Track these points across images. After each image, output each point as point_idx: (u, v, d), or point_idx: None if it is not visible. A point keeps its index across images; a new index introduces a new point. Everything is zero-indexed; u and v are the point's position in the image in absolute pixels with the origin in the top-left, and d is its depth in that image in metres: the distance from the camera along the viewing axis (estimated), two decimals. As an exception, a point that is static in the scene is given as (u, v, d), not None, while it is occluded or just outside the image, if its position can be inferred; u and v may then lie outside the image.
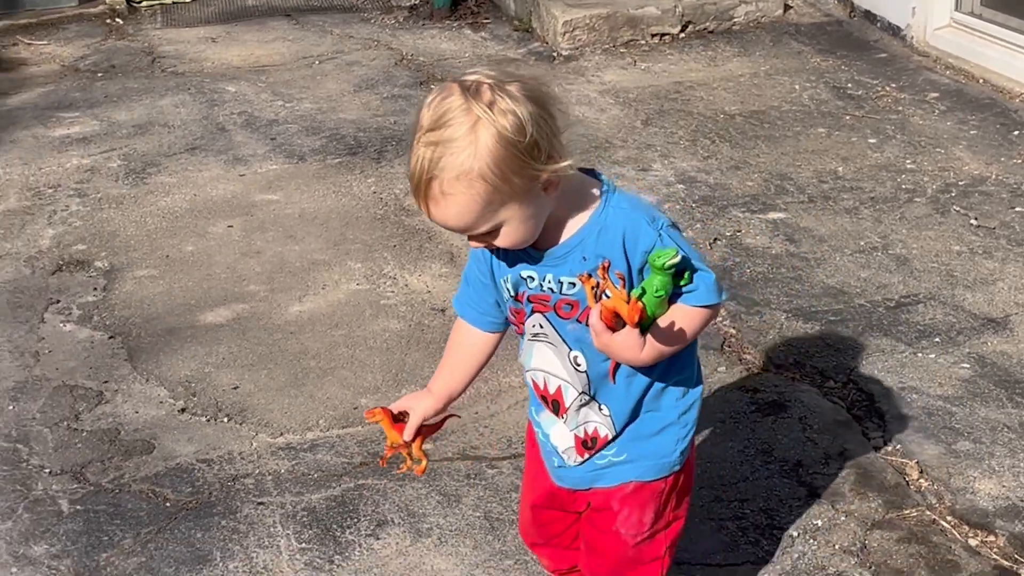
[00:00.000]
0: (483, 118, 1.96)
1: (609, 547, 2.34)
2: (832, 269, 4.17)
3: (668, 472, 2.30)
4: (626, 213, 2.11)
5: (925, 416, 3.34)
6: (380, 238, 4.58)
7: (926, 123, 5.41)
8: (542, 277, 2.15)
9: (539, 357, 2.26)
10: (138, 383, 3.70)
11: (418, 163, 1.98)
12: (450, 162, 1.96)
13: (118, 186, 5.12)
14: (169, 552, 2.98)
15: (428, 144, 1.97)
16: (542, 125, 2.01)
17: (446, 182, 1.97)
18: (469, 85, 1.99)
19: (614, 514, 2.31)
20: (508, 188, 1.99)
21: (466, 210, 2.00)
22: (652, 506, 2.31)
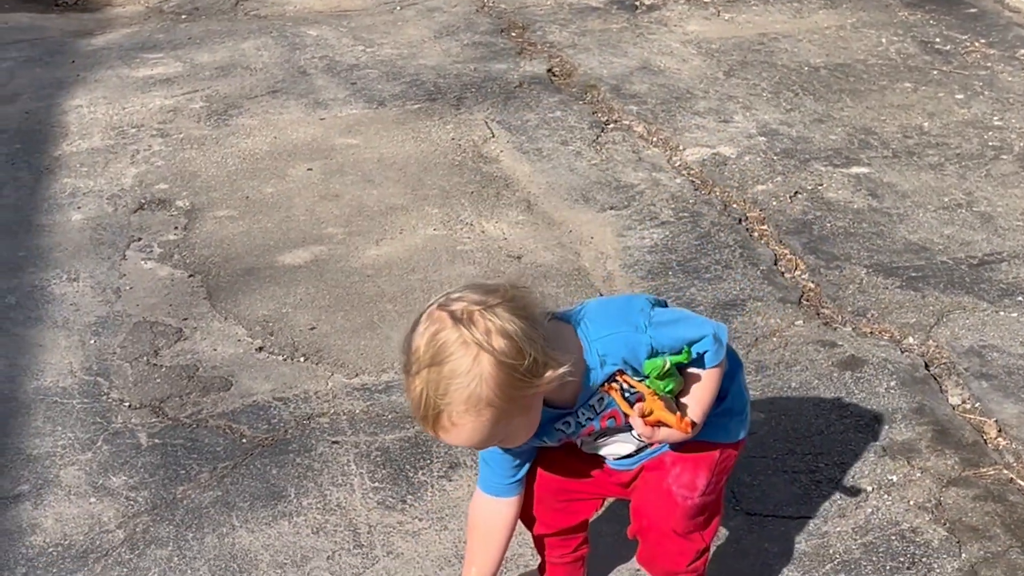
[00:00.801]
0: (483, 349, 2.01)
1: (660, 506, 2.35)
2: (914, 225, 4.11)
3: (723, 439, 2.34)
4: (613, 338, 2.17)
5: (1005, 375, 3.29)
6: (457, 184, 4.58)
7: (1015, 80, 5.29)
8: (575, 417, 2.24)
9: (606, 449, 2.39)
10: (217, 321, 3.74)
11: (423, 398, 2.05)
12: (457, 396, 2.02)
13: (200, 127, 5.17)
14: (244, 487, 3.02)
15: (431, 380, 2.03)
16: (535, 339, 2.06)
17: (455, 414, 2.04)
18: (459, 315, 2.04)
19: (667, 471, 2.34)
20: (514, 406, 2.07)
21: (476, 434, 2.08)
22: (704, 470, 2.33)
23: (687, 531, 2.34)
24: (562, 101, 5.29)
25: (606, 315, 2.21)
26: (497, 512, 2.41)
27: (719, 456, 2.34)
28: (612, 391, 2.19)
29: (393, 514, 2.91)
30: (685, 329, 2.21)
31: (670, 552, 2.37)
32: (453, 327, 2.03)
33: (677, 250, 4.02)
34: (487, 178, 4.62)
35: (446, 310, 2.06)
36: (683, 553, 2.37)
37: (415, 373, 2.05)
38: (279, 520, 2.90)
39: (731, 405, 2.33)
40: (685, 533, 2.35)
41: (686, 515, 2.33)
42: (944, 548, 2.72)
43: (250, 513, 2.93)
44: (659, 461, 2.35)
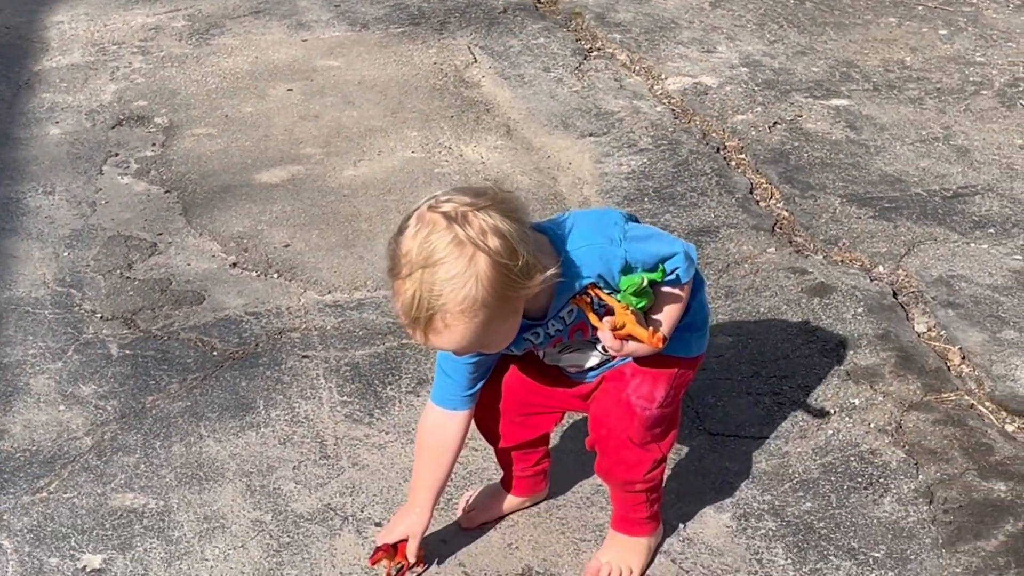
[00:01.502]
0: (479, 248, 2.00)
1: (618, 416, 2.37)
2: (891, 157, 4.12)
3: (681, 353, 2.36)
4: (588, 249, 2.17)
5: (972, 304, 3.32)
6: (438, 108, 4.57)
7: (1000, 16, 5.28)
8: (545, 328, 2.24)
9: (568, 361, 2.40)
10: (192, 237, 3.75)
11: (416, 300, 2.02)
12: (453, 298, 2.00)
13: (181, 45, 5.14)
14: (214, 398, 3.05)
15: (425, 282, 2.00)
16: (527, 241, 2.06)
17: (450, 316, 2.02)
18: (453, 215, 2.01)
19: (626, 382, 2.35)
20: (505, 308, 2.07)
21: (466, 338, 2.07)
22: (663, 381, 2.35)
23: (644, 441, 2.37)
24: (546, 28, 5.27)
25: (581, 227, 2.20)
26: (449, 427, 2.42)
27: (678, 370, 2.36)
28: (582, 304, 2.20)
29: (360, 427, 2.94)
30: (658, 245, 2.21)
31: (627, 461, 2.40)
32: (447, 228, 2.00)
33: (654, 177, 4.03)
34: (468, 102, 4.61)
35: (437, 211, 2.03)
36: (640, 463, 2.40)
37: (406, 275, 2.02)
38: (247, 431, 2.93)
39: (692, 320, 2.35)
40: (642, 443, 2.37)
41: (643, 425, 2.35)
42: (902, 470, 2.76)
43: (218, 423, 2.96)
44: (619, 372, 2.37)
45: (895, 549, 2.55)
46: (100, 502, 2.72)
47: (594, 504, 2.69)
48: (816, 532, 2.60)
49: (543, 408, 2.51)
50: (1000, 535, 2.59)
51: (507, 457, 2.61)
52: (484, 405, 2.52)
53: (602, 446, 2.42)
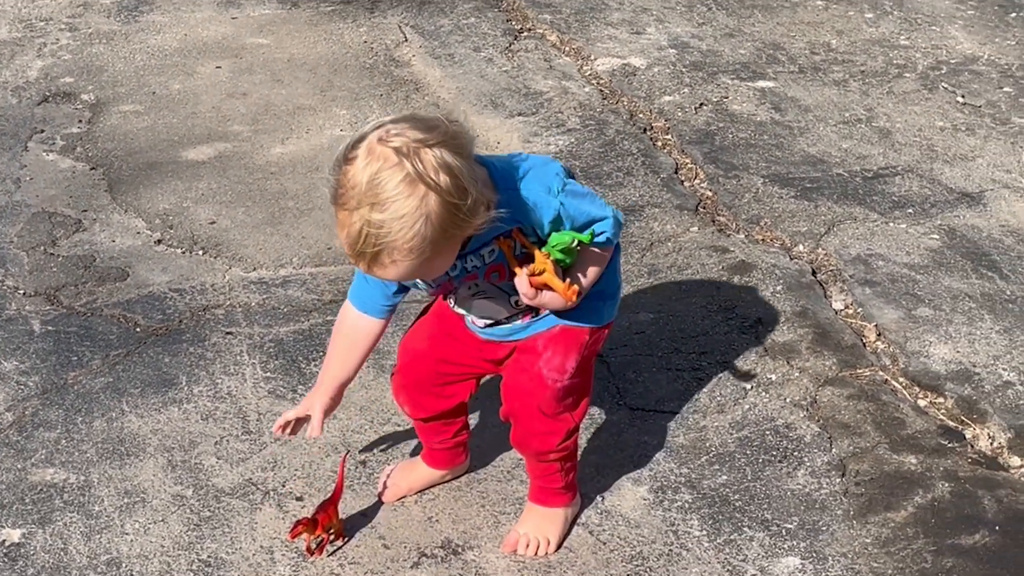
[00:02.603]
0: (431, 187, 1.96)
1: (530, 389, 2.39)
2: (814, 138, 4.18)
3: (593, 322, 2.38)
4: (524, 192, 2.15)
5: (889, 282, 3.38)
6: (367, 87, 4.57)
7: (924, 1, 5.36)
8: (463, 261, 2.21)
9: (479, 308, 2.37)
10: (116, 214, 3.73)
11: (363, 236, 1.97)
12: (402, 236, 1.97)
13: (109, 22, 5.10)
14: (136, 374, 3.04)
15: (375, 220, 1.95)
16: (475, 178, 2.04)
17: (397, 252, 2.00)
18: (404, 150, 1.95)
19: (538, 354, 2.38)
20: (448, 244, 2.06)
21: (410, 271, 2.06)
22: (574, 352, 2.37)
23: (556, 412, 2.40)
24: (477, 8, 5.28)
25: (521, 170, 2.18)
26: (365, 327, 2.39)
27: (588, 339, 2.39)
28: (505, 246, 2.18)
29: (283, 403, 2.94)
30: (591, 205, 2.20)
31: (540, 433, 2.43)
32: (398, 165, 1.95)
33: (581, 156, 4.06)
34: (397, 81, 4.62)
35: (388, 145, 1.96)
36: (553, 433, 2.43)
37: (354, 208, 1.97)
38: (169, 406, 2.93)
39: (604, 287, 2.37)
40: (555, 414, 2.40)
41: (555, 397, 2.38)
42: (815, 443, 2.82)
43: (140, 399, 2.95)
44: (531, 345, 2.39)
45: (807, 520, 2.61)
46: (20, 477, 2.71)
47: (514, 478, 2.72)
48: (731, 504, 2.65)
49: (456, 375, 2.53)
50: (910, 507, 2.65)
51: (426, 429, 2.63)
52: (400, 380, 2.55)
53: (515, 417, 2.45)
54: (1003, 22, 5.13)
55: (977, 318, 3.23)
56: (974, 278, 3.40)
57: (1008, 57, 4.80)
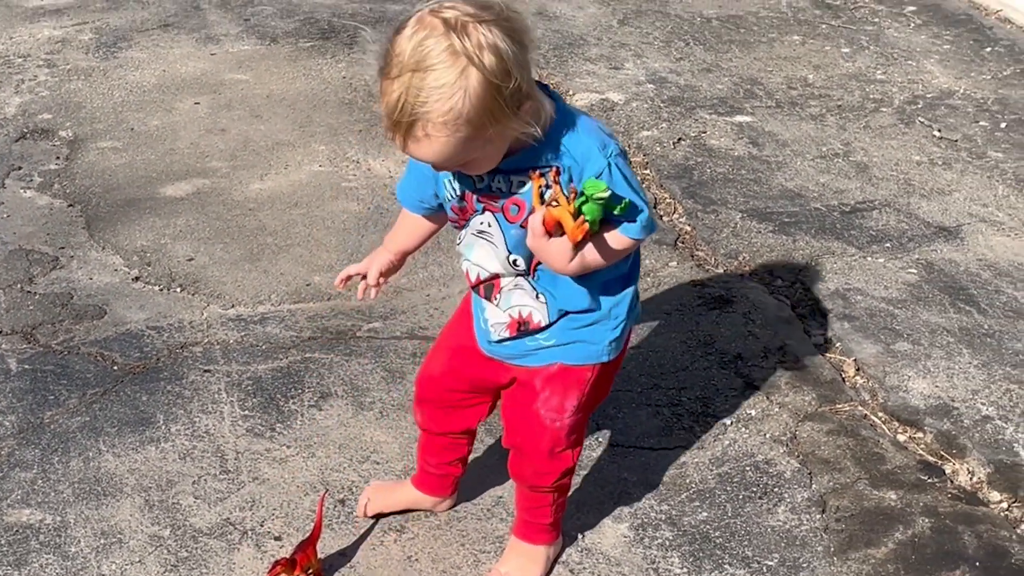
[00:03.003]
0: (473, 62, 1.93)
1: (528, 427, 2.39)
2: (792, 173, 4.20)
3: (595, 360, 2.34)
4: (579, 137, 2.12)
5: (867, 317, 3.39)
6: (347, 122, 4.58)
7: (900, 35, 5.40)
8: (492, 177, 2.16)
9: (479, 253, 2.29)
10: (94, 251, 3.72)
11: (400, 104, 1.95)
12: (438, 107, 1.94)
13: (88, 59, 5.10)
14: (113, 413, 3.02)
15: (413, 86, 1.93)
16: (524, 66, 2.00)
17: (431, 125, 1.96)
18: (452, 23, 1.94)
19: (536, 393, 2.36)
20: (489, 131, 2.00)
21: (445, 151, 2.00)
22: (575, 392, 2.35)
23: (556, 450, 2.40)
24: (456, 43, 5.29)
25: (583, 121, 2.14)
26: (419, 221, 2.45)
27: (590, 376, 2.35)
28: (536, 179, 2.11)
29: (261, 441, 2.93)
30: (634, 191, 2.14)
31: (540, 471, 2.43)
32: (444, 34, 1.93)
33: (560, 192, 4.06)
34: (376, 117, 4.61)
35: (438, 16, 1.95)
36: (550, 473, 2.43)
37: (395, 76, 1.95)
38: (146, 445, 2.91)
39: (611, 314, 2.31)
40: (554, 453, 2.40)
41: (554, 437, 2.37)
42: (796, 479, 2.81)
43: (117, 438, 2.93)
44: (529, 380, 2.36)
45: (788, 557, 2.60)
46: (-5, 519, 2.69)
47: (494, 516, 2.71)
48: (712, 541, 2.64)
49: (468, 393, 2.51)
50: (890, 543, 2.64)
51: (430, 445, 2.63)
52: (419, 392, 2.59)
53: (515, 450, 2.47)
54: (978, 56, 5.17)
55: (955, 352, 3.24)
56: (952, 312, 3.41)
57: (984, 91, 4.83)
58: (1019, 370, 3.16)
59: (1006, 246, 3.74)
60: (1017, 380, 3.12)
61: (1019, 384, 3.11)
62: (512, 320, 2.34)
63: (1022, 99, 4.76)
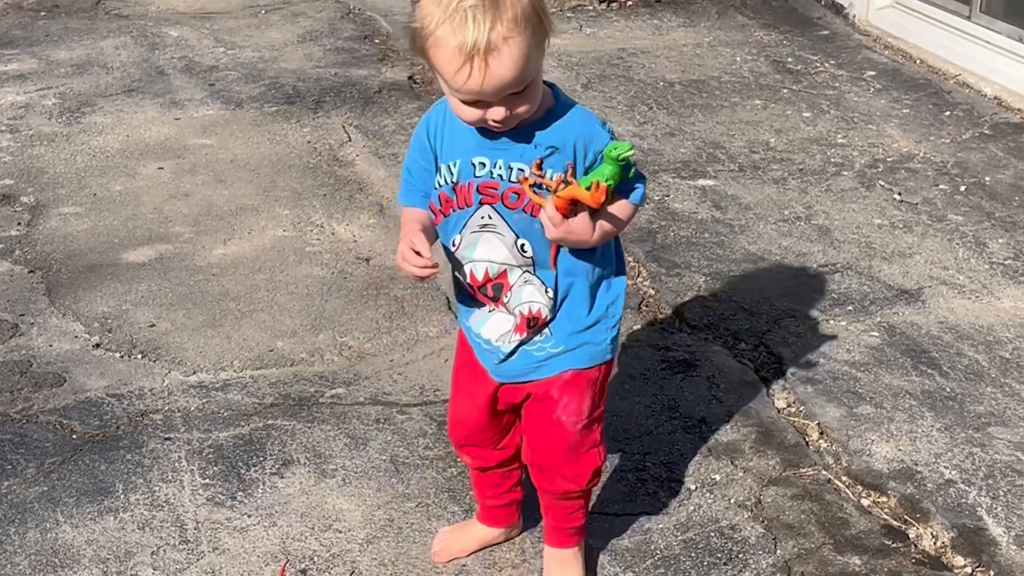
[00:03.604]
0: None
1: (553, 436, 2.48)
2: (755, 236, 4.22)
3: (601, 360, 2.46)
4: (581, 114, 2.29)
5: (830, 380, 3.40)
6: (311, 187, 4.58)
7: (861, 100, 5.46)
8: (493, 163, 2.27)
9: (484, 247, 2.35)
10: (55, 317, 3.69)
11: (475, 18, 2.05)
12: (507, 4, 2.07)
13: (51, 124, 5.09)
14: (72, 483, 2.99)
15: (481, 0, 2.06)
16: None
17: (506, 25, 2.06)
18: None
19: (555, 402, 2.44)
20: (539, 38, 2.14)
21: (520, 56, 2.09)
22: (588, 394, 2.45)
23: (584, 450, 2.49)
24: (421, 108, 5.32)
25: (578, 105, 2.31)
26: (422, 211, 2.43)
27: (598, 376, 2.46)
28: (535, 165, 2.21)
29: (222, 510, 2.90)
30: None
31: (570, 474, 2.51)
32: None
33: (524, 256, 4.06)
34: (341, 181, 4.63)
35: None
36: (582, 475, 2.52)
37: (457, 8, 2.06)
38: (104, 516, 2.87)
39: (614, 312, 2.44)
40: (582, 453, 2.49)
41: (579, 438, 2.47)
42: (760, 544, 2.80)
43: (75, 508, 2.89)
44: (545, 392, 2.44)
45: (753, 624, 2.59)
46: (-51, 592, 2.65)
47: None
48: (676, 608, 2.63)
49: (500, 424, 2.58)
50: (855, 608, 2.63)
51: (484, 482, 2.69)
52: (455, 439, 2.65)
53: (542, 462, 2.53)
54: (938, 120, 5.23)
55: (918, 416, 3.25)
56: (914, 375, 3.42)
57: (943, 155, 4.88)
58: (981, 433, 3.17)
59: (967, 308, 3.77)
60: (979, 443, 3.13)
61: (981, 447, 3.12)
62: (522, 318, 2.39)
63: (981, 162, 4.81)
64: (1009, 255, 4.09)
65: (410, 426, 3.20)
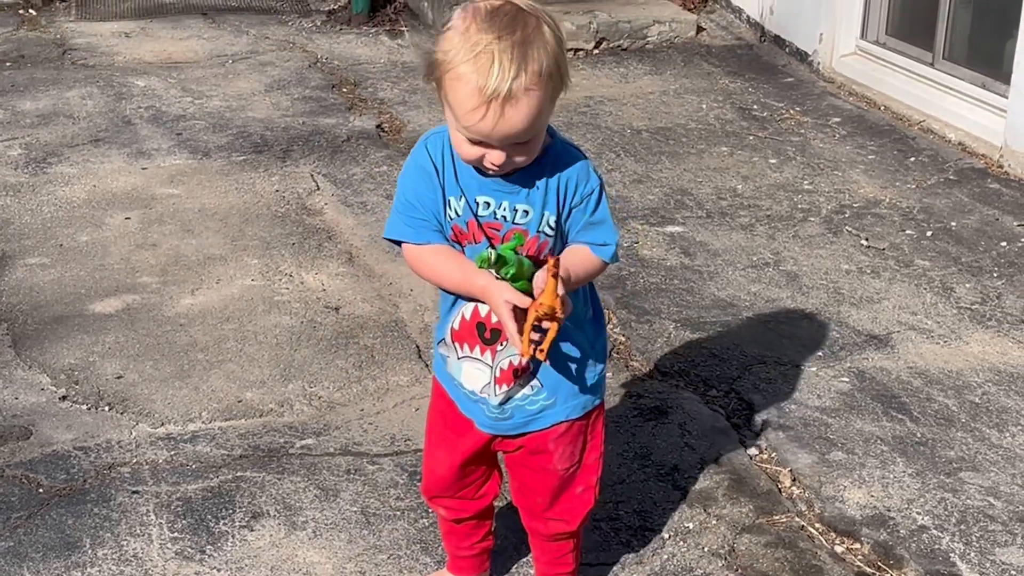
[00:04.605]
0: (545, 22, 2.10)
1: (543, 484, 2.50)
2: (724, 282, 4.23)
3: (591, 407, 2.47)
4: (576, 155, 2.29)
5: (802, 426, 3.40)
6: (279, 236, 4.56)
7: (826, 146, 5.51)
8: (498, 204, 2.27)
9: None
10: (20, 370, 3.65)
11: (501, 64, 2.04)
12: (533, 56, 2.06)
13: (16, 174, 5.07)
14: (38, 538, 2.94)
15: (510, 46, 2.04)
16: None
17: (529, 76, 2.05)
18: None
19: (551, 455, 2.47)
20: (555, 93, 2.14)
21: (535, 109, 2.09)
22: (580, 439, 2.49)
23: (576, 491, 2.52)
24: (389, 156, 5.33)
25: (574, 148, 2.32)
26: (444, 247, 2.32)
27: (590, 421, 2.49)
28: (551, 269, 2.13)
29: (191, 564, 2.86)
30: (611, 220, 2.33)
31: (563, 518, 2.54)
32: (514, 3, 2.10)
33: (493, 304, 4.06)
34: (309, 230, 4.62)
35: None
36: (576, 516, 2.55)
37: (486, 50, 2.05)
38: (72, 571, 2.83)
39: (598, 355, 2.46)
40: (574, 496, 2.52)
41: (570, 480, 2.50)
42: (735, 593, 2.79)
43: (42, 564, 2.85)
44: (541, 445, 2.46)
45: (729, 674, 2.57)
46: (-88, 651, 2.60)
47: None
48: (652, 659, 2.61)
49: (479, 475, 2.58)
50: (831, 656, 2.62)
51: (457, 533, 2.68)
52: (430, 489, 2.62)
53: (534, 507, 2.55)
54: (903, 166, 5.28)
55: (890, 461, 3.25)
56: (885, 421, 3.43)
57: (909, 200, 4.92)
58: (952, 479, 3.18)
59: (936, 353, 3.78)
60: (951, 489, 3.13)
61: (953, 493, 3.12)
62: (510, 366, 2.38)
63: (946, 208, 4.85)
64: (976, 299, 4.12)
65: (381, 476, 3.18)
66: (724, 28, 7.26)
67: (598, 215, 2.31)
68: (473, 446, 2.50)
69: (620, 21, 6.92)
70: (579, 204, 2.28)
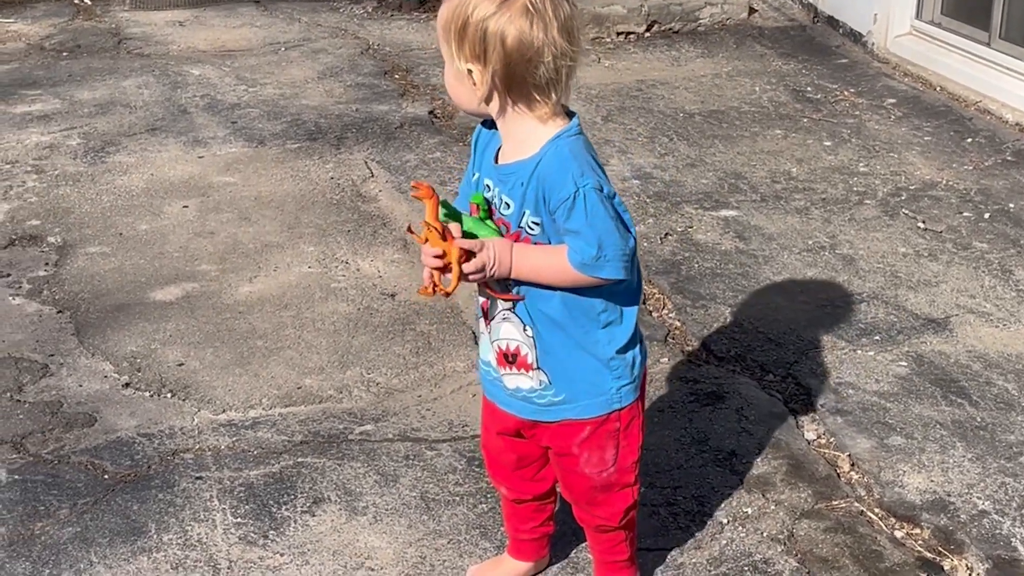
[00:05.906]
0: None
1: (578, 484, 2.52)
2: (779, 267, 4.22)
3: (608, 410, 2.44)
4: (562, 159, 2.22)
5: (860, 411, 3.39)
6: (335, 223, 4.60)
7: (881, 128, 5.47)
8: (494, 189, 2.32)
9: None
10: (84, 357, 3.71)
11: None
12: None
13: (76, 164, 5.13)
14: (104, 523, 2.99)
15: None
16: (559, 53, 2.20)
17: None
18: None
19: (576, 459, 2.48)
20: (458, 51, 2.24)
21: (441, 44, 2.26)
22: (611, 444, 2.47)
23: (615, 491, 2.51)
24: (442, 142, 5.35)
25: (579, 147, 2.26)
26: None
27: (619, 425, 2.45)
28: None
29: (254, 549, 2.90)
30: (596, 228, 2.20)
31: (603, 516, 2.56)
32: None
33: (549, 289, 4.07)
34: (365, 216, 4.65)
35: None
36: (615, 514, 2.55)
37: None
38: (138, 556, 2.88)
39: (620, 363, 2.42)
40: (612, 495, 2.52)
41: (607, 484, 2.50)
42: (794, 578, 2.79)
43: (109, 549, 2.90)
44: (566, 447, 2.47)
45: (789, 659, 2.57)
46: (-15, 635, 2.65)
47: None
48: (712, 644, 2.62)
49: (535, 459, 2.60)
50: (891, 641, 2.62)
51: (518, 514, 2.70)
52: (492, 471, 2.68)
53: (575, 501, 2.58)
54: (959, 147, 5.23)
55: (949, 446, 3.23)
56: (944, 405, 3.41)
57: (966, 182, 4.88)
58: (1013, 463, 3.16)
59: (995, 337, 3.76)
60: (1012, 473, 3.12)
61: (1014, 477, 3.10)
62: (500, 351, 2.43)
63: (1004, 189, 4.81)
64: (1035, 282, 4.09)
65: (440, 462, 3.21)
66: (776, 9, 7.22)
67: (572, 223, 2.21)
68: (502, 426, 2.54)
69: (671, 3, 6.89)
70: (556, 210, 2.22)
